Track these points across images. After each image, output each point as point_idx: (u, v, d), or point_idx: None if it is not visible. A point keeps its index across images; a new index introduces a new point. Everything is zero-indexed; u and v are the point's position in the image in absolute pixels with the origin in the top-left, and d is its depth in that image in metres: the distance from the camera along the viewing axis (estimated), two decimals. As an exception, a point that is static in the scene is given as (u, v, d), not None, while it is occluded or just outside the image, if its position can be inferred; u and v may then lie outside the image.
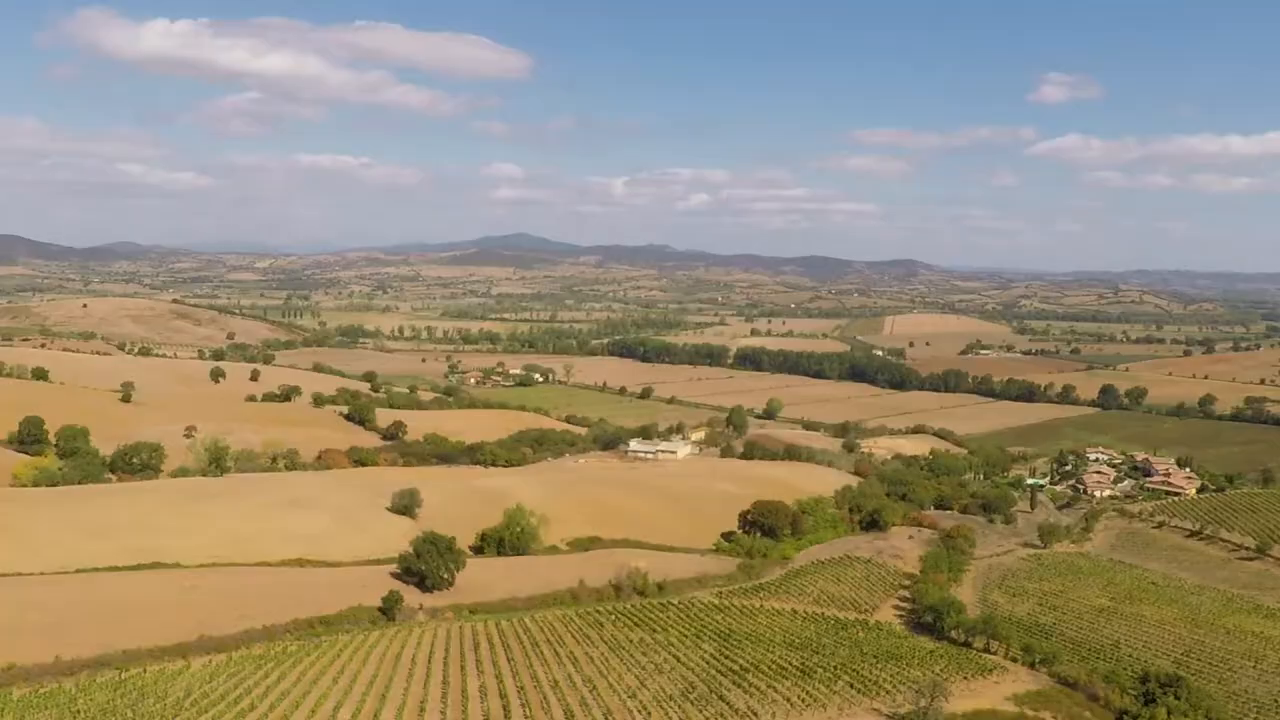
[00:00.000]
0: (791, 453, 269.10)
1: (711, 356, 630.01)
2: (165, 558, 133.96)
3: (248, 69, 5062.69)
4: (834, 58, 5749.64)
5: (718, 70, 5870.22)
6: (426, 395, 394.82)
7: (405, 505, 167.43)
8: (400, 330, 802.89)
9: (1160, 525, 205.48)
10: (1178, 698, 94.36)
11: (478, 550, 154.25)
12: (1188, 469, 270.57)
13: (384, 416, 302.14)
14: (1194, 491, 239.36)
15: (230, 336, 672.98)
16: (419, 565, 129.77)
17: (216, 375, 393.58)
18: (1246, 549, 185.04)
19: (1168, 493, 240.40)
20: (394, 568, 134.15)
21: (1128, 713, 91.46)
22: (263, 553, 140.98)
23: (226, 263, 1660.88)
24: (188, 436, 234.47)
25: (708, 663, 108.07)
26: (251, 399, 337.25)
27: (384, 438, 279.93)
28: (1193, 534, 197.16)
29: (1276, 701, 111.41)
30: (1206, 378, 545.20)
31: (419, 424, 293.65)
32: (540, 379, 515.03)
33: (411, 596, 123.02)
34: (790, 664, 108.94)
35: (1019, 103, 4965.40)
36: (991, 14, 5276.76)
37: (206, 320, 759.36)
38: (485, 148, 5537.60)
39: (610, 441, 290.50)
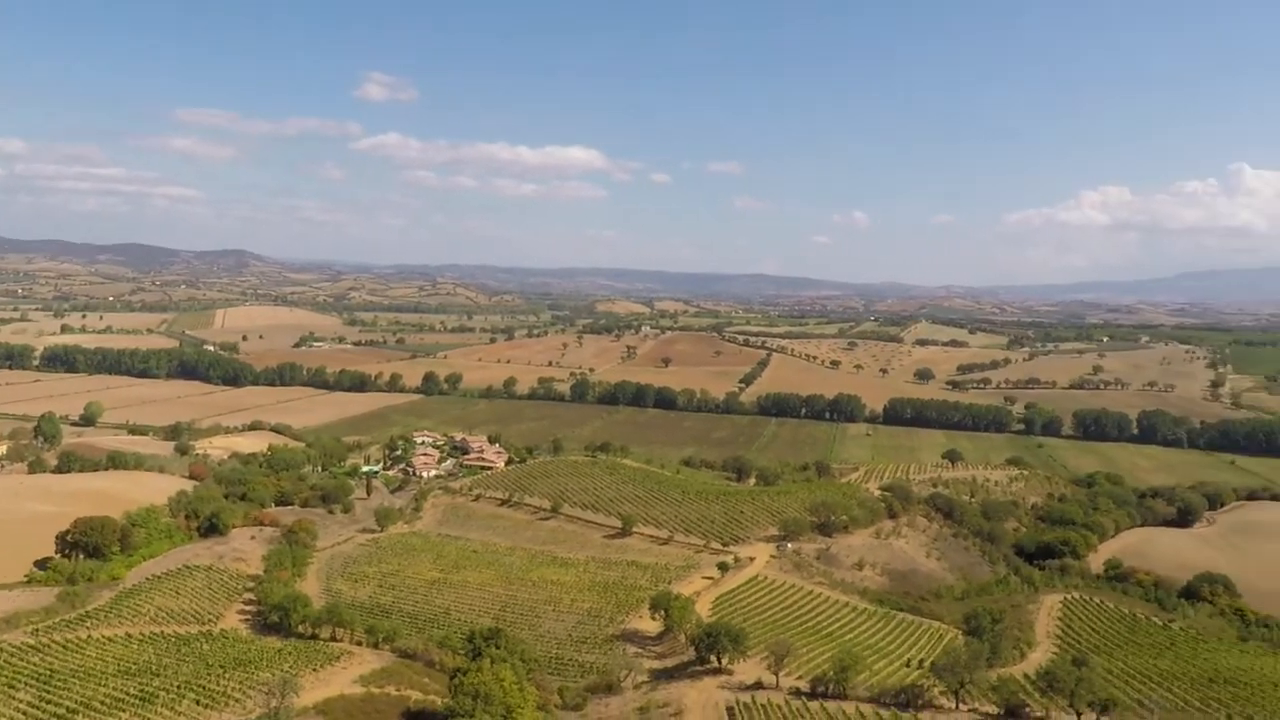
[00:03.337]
0: (117, 461, 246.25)
1: (13, 358, 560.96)
2: None
3: None
4: (151, 30, 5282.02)
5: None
6: None
7: None
8: None
9: (478, 498, 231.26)
10: (498, 647, 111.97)
11: None
12: (497, 445, 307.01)
13: None
14: (504, 465, 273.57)
15: None
16: None
17: None
18: (544, 510, 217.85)
19: (483, 468, 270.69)
20: None
21: (460, 670, 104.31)
22: None
23: None
24: None
25: (25, 714, 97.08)
26: None
27: None
28: (504, 502, 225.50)
29: (570, 635, 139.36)
30: (509, 362, 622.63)
31: None
32: None
33: None
34: (128, 694, 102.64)
35: (345, 98, 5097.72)
36: (317, 5, 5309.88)
37: None
38: None
39: None
